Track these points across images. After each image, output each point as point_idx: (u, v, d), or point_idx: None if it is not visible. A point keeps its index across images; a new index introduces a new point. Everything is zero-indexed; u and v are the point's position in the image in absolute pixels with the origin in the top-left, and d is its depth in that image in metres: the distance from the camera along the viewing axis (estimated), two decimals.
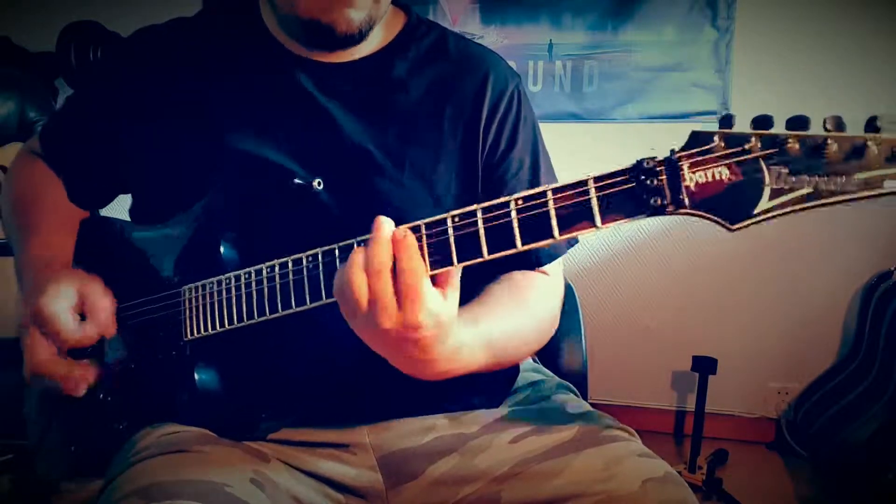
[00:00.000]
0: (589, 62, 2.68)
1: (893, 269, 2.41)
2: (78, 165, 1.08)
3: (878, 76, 2.44)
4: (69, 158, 1.09)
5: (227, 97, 0.97)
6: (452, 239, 0.71)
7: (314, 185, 0.89)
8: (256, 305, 0.84)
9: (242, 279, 0.86)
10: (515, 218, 0.68)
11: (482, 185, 0.99)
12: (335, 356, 0.91)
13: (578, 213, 0.65)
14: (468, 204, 0.72)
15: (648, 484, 0.83)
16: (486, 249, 0.70)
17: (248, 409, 0.93)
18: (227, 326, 0.88)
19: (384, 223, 0.71)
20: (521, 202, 0.68)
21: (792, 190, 0.56)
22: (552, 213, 0.66)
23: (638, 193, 0.62)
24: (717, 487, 2.28)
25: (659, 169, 0.61)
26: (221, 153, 0.94)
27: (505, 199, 0.69)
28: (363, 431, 0.95)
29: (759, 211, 0.58)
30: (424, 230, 0.72)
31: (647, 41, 2.62)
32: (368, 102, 0.97)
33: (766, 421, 2.69)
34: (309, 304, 0.80)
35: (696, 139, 0.61)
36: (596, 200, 0.64)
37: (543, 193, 0.67)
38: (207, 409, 0.92)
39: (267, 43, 0.99)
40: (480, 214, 0.70)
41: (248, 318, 0.85)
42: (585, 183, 0.65)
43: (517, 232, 0.68)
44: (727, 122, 0.59)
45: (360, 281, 0.70)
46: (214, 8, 1.06)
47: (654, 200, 0.61)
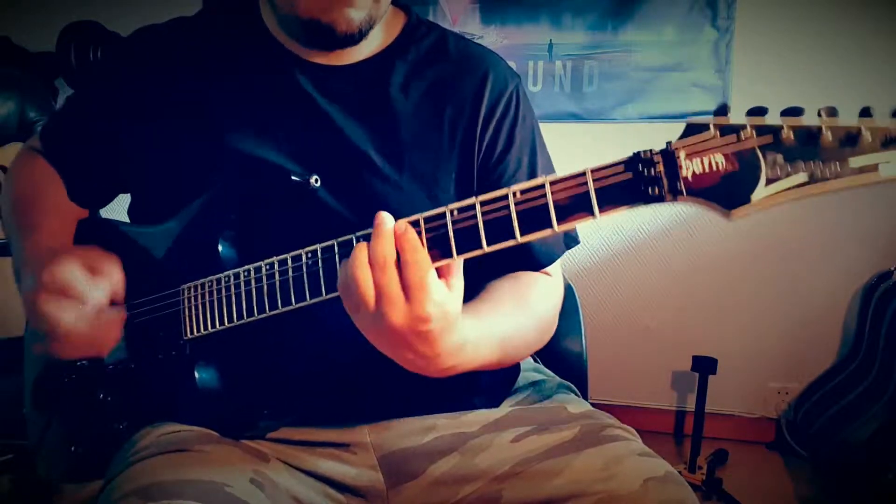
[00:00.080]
0: (589, 62, 2.68)
1: (893, 269, 2.41)
2: (78, 164, 1.08)
3: (877, 76, 2.44)
4: (69, 158, 1.09)
5: (226, 97, 0.97)
6: (451, 232, 0.71)
7: (311, 181, 0.89)
8: (256, 303, 0.84)
9: (241, 277, 0.86)
10: (514, 210, 0.68)
11: (479, 186, 0.98)
12: (335, 354, 0.91)
13: (576, 203, 0.65)
14: None
15: (649, 483, 0.83)
16: (485, 242, 0.70)
17: (248, 407, 0.93)
18: (226, 324, 0.88)
19: (386, 217, 0.71)
20: (519, 194, 0.69)
21: (788, 177, 0.57)
22: (550, 204, 0.67)
23: (635, 183, 0.63)
24: (717, 487, 2.28)
25: (656, 159, 0.62)
26: (221, 153, 0.94)
27: (503, 191, 0.69)
28: (364, 431, 0.95)
29: (756, 198, 0.59)
30: (424, 224, 0.72)
31: (647, 41, 2.62)
32: (368, 104, 0.97)
33: (766, 421, 2.69)
34: (308, 300, 0.80)
35: (692, 129, 0.61)
36: (594, 191, 0.64)
37: (542, 185, 0.67)
38: (207, 407, 0.92)
39: (267, 43, 0.99)
40: (479, 207, 0.70)
41: (247, 315, 0.85)
42: (583, 174, 0.65)
43: (516, 224, 0.68)
44: (722, 111, 0.59)
45: (365, 276, 0.70)
46: (214, 8, 1.06)
47: (651, 190, 0.61)
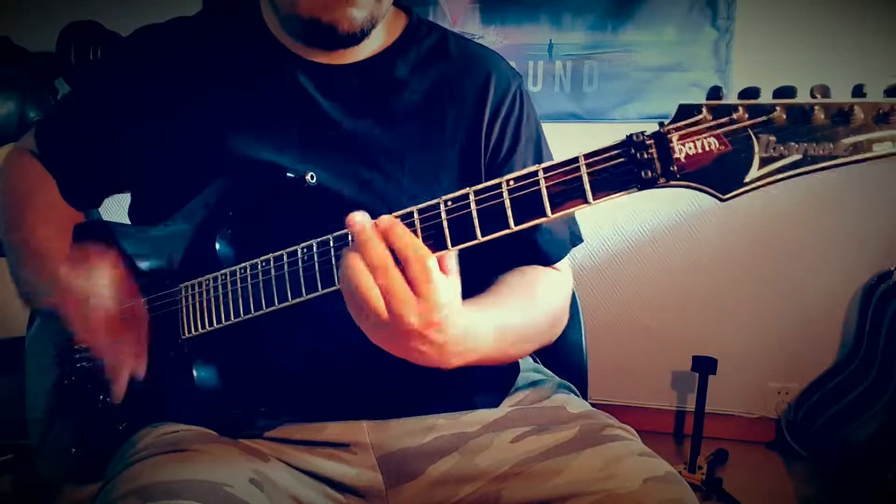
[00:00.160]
0: (589, 62, 2.68)
1: (893, 269, 2.40)
2: (74, 164, 1.07)
3: (877, 76, 2.43)
4: (65, 157, 1.08)
5: (227, 97, 0.97)
6: (446, 223, 0.71)
7: (307, 178, 0.89)
8: (253, 300, 0.84)
9: (238, 275, 0.86)
10: (507, 199, 0.68)
11: None
12: (333, 353, 0.91)
13: (570, 190, 0.65)
14: None
15: (649, 483, 0.82)
16: (479, 231, 0.70)
17: (246, 405, 0.93)
18: (224, 323, 0.87)
19: (363, 219, 0.71)
20: (512, 182, 0.68)
21: (781, 157, 0.56)
22: (544, 191, 0.66)
23: (628, 167, 0.62)
24: (717, 487, 2.27)
25: (649, 142, 0.61)
26: (221, 153, 0.94)
27: (496, 180, 0.69)
28: (363, 431, 0.95)
29: (749, 179, 0.58)
30: (418, 215, 0.72)
31: (647, 41, 2.62)
32: (370, 104, 0.97)
33: (766, 421, 2.68)
34: (305, 295, 0.80)
35: (684, 112, 0.61)
36: (587, 176, 0.64)
37: (534, 173, 0.67)
38: (206, 406, 0.91)
39: (267, 43, 0.99)
40: (473, 197, 0.70)
41: (244, 313, 0.85)
42: (576, 160, 0.65)
43: (510, 212, 0.68)
44: (715, 93, 0.59)
45: (367, 282, 0.69)
46: (215, 8, 1.06)
47: (644, 173, 0.61)
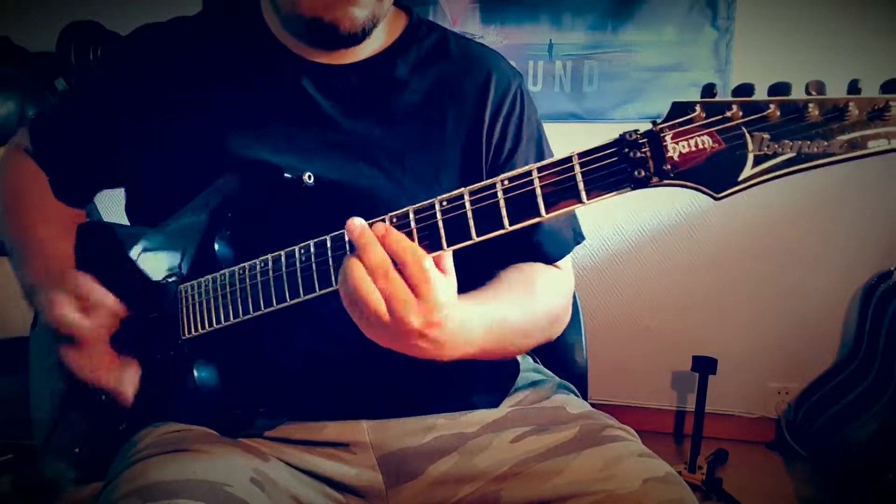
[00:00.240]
0: (589, 62, 2.68)
1: (893, 269, 2.40)
2: (67, 161, 1.07)
3: (877, 76, 2.43)
4: (59, 153, 1.08)
5: (227, 97, 0.97)
6: (441, 223, 0.71)
7: (304, 178, 0.89)
8: (252, 301, 0.84)
9: (237, 275, 0.86)
10: (502, 198, 0.68)
11: None
12: (333, 353, 0.91)
13: (564, 189, 0.65)
14: None
15: (649, 483, 0.82)
16: (474, 232, 0.70)
17: (246, 406, 0.93)
18: (223, 323, 0.88)
19: (361, 225, 0.72)
20: (506, 182, 0.68)
21: (776, 155, 0.56)
22: (538, 191, 0.67)
23: (622, 166, 0.62)
24: (717, 487, 2.27)
25: (642, 141, 0.61)
26: (220, 153, 0.94)
27: (491, 180, 0.69)
28: (363, 431, 0.95)
29: (743, 178, 0.58)
30: (413, 216, 0.72)
31: (647, 41, 2.62)
32: (370, 104, 0.97)
33: (766, 421, 2.68)
34: (303, 296, 0.80)
35: (677, 110, 0.61)
36: (580, 176, 0.64)
37: (528, 173, 0.67)
38: (206, 406, 0.91)
39: (268, 43, 0.99)
40: (468, 197, 0.70)
41: (244, 313, 0.86)
42: (570, 160, 0.65)
43: (504, 212, 0.68)
44: (708, 91, 0.58)
45: (369, 288, 0.70)
46: (215, 8, 1.06)
47: (637, 172, 0.61)
